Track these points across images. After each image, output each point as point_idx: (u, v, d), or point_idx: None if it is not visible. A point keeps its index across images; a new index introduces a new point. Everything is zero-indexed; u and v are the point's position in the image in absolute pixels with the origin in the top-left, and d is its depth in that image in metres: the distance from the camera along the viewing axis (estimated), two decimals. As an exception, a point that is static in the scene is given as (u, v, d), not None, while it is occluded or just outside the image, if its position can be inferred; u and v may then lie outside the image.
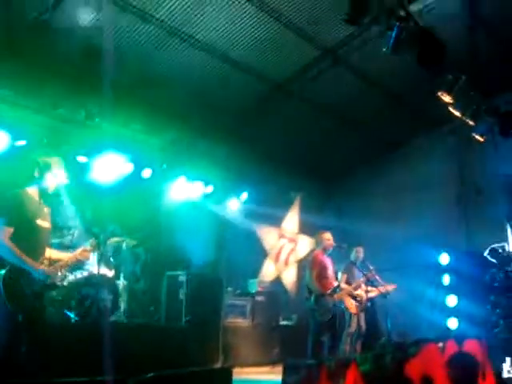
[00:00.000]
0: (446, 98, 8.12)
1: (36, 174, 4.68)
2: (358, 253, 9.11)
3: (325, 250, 8.18)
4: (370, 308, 9.15)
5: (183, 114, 9.36)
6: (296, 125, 10.60)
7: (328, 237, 8.21)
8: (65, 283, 4.85)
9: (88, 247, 4.94)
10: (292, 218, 12.91)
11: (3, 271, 4.31)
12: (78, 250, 4.90)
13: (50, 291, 4.79)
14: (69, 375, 3.62)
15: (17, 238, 4.43)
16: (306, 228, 12.71)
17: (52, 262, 4.72)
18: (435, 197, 11.42)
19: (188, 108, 9.34)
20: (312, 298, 7.78)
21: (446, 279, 10.51)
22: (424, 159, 11.91)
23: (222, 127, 9.83)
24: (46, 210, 4.77)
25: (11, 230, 4.43)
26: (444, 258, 10.65)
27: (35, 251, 4.54)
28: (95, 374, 3.66)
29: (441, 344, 4.68)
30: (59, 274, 4.67)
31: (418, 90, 9.61)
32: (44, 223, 4.68)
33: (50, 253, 4.82)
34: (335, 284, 8.09)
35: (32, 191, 4.70)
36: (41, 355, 4.45)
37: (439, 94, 8.08)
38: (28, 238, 4.50)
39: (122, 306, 8.28)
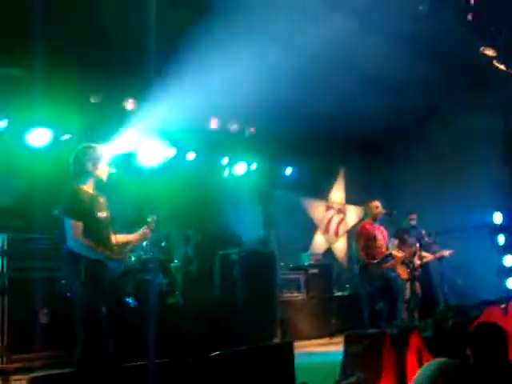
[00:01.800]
0: (489, 52, 7.86)
1: (90, 167, 4.65)
2: (412, 219, 8.92)
3: (374, 219, 8.11)
4: (424, 273, 9.01)
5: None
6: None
7: (376, 205, 8.14)
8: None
9: (148, 226, 4.87)
10: (338, 191, 12.84)
11: (82, 274, 4.32)
12: (142, 229, 4.86)
13: (123, 278, 4.82)
14: (132, 360, 3.70)
15: (85, 232, 4.43)
16: (353, 199, 12.64)
17: (121, 247, 4.77)
18: (482, 156, 11.09)
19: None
20: (359, 269, 7.77)
21: (502, 239, 10.29)
22: (467, 118, 11.52)
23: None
24: (101, 200, 4.75)
25: (81, 224, 4.42)
26: (498, 218, 10.42)
27: (102, 242, 4.56)
28: (158, 356, 3.73)
29: (503, 305, 4.60)
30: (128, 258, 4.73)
31: (457, 47, 9.28)
32: (102, 213, 4.67)
33: (117, 238, 4.85)
34: (387, 252, 8.01)
35: (87, 186, 4.69)
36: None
37: (481, 48, 7.82)
38: (93, 230, 4.50)
39: (178, 288, 8.40)
